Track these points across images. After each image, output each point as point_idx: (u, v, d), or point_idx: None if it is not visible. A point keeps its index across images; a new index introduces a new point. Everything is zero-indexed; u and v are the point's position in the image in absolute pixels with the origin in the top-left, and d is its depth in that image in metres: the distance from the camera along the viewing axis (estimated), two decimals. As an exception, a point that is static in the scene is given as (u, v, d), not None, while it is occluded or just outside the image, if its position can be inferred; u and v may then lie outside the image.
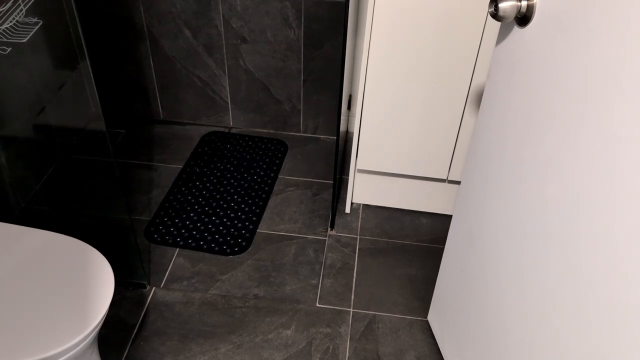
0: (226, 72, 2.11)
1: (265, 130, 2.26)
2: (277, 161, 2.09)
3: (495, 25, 1.43)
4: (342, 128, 2.21)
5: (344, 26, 1.37)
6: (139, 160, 2.08)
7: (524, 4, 0.91)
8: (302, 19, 1.95)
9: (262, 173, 2.03)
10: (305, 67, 2.07)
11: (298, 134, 2.24)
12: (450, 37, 1.46)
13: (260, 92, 2.15)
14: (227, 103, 2.20)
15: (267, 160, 2.09)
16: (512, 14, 0.92)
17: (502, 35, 1.01)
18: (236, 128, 2.26)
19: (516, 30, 0.96)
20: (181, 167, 2.05)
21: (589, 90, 0.77)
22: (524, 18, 0.93)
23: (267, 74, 2.10)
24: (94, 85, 1.20)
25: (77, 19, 1.06)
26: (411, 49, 1.50)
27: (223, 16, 1.97)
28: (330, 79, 2.08)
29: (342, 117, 2.19)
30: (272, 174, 2.03)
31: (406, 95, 1.58)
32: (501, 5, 0.91)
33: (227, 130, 2.25)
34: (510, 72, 1.00)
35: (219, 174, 2.02)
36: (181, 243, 1.75)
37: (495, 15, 0.92)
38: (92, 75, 1.16)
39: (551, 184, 0.88)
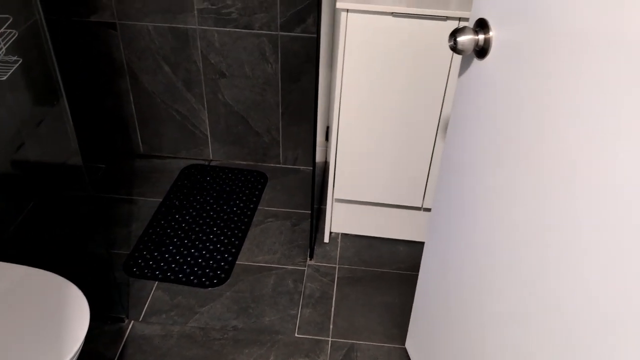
0: (205, 106, 2.15)
1: (245, 162, 2.28)
2: (257, 192, 2.12)
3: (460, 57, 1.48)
4: (321, 158, 2.25)
5: (316, 61, 1.41)
6: (119, 194, 2.09)
7: (481, 37, 0.96)
8: (279, 54, 2.00)
9: (241, 204, 2.05)
10: (283, 100, 2.11)
11: (278, 165, 2.27)
12: (420, 69, 1.51)
13: (240, 124, 2.19)
14: (207, 136, 2.23)
15: (247, 191, 2.11)
16: (471, 47, 0.97)
17: (464, 68, 1.06)
18: (216, 161, 2.29)
19: (476, 62, 1.01)
20: (161, 200, 2.06)
21: (544, 117, 0.80)
22: (482, 51, 0.97)
23: (246, 107, 2.14)
24: (71, 122, 1.22)
25: (53, 58, 1.09)
26: (382, 81, 1.54)
27: (201, 52, 2.02)
28: (308, 111, 2.12)
29: (320, 148, 2.23)
30: (251, 205, 2.05)
31: (379, 126, 1.62)
32: (459, 39, 0.95)
33: (207, 163, 2.27)
34: (472, 102, 1.04)
35: (198, 206, 2.03)
36: (160, 276, 1.75)
37: (454, 48, 0.97)
38: (68, 112, 1.18)
39: (514, 209, 0.91)
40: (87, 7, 1.95)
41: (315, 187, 1.84)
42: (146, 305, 1.66)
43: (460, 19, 1.42)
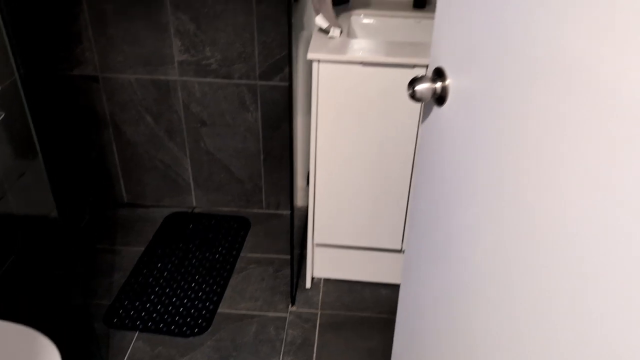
0: (187, 154, 2.18)
1: (227, 209, 2.30)
2: (240, 239, 2.12)
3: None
4: (303, 203, 2.27)
5: (289, 111, 1.45)
6: (102, 244, 2.09)
7: (438, 85, 0.99)
8: (259, 102, 2.05)
9: (224, 252, 2.05)
10: (264, 147, 2.14)
11: (260, 210, 2.29)
12: (392, 114, 1.55)
13: (222, 172, 2.21)
14: (190, 184, 2.25)
15: (230, 238, 2.12)
16: (429, 95, 1.00)
17: (425, 114, 1.09)
18: (199, 208, 2.30)
19: (435, 109, 1.04)
20: (143, 249, 2.06)
21: (500, 161, 0.83)
22: (440, 98, 1.00)
23: (228, 155, 2.17)
24: (46, 176, 1.24)
25: (28, 116, 1.12)
26: (356, 128, 1.58)
27: (183, 102, 2.06)
28: (288, 157, 2.15)
29: (302, 193, 2.25)
30: (234, 252, 2.05)
31: (355, 171, 1.65)
32: (417, 88, 0.99)
33: (190, 211, 2.28)
34: (434, 147, 1.06)
35: (181, 254, 2.03)
36: (141, 326, 1.74)
37: (413, 96, 1.00)
38: (43, 167, 1.20)
39: (478, 250, 0.93)
40: (70, 62, 2.00)
41: (294, 233, 1.85)
42: (126, 357, 1.64)
43: (427, 67, 1.46)
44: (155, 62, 1.98)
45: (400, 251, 1.83)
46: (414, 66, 1.47)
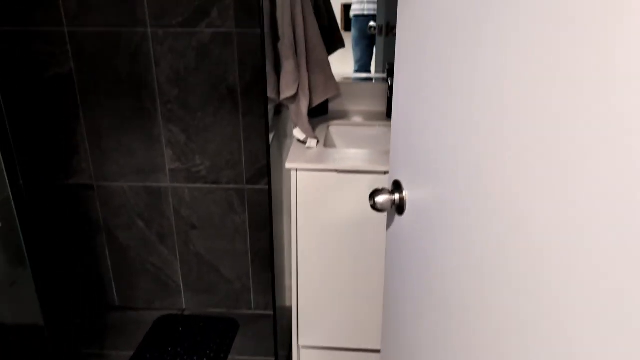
0: (178, 257, 2.24)
1: (217, 310, 2.33)
2: (228, 341, 2.14)
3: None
4: (290, 302, 2.30)
5: (270, 215, 1.53)
6: (92, 349, 2.11)
7: (397, 197, 1.08)
8: (246, 205, 2.14)
9: (212, 355, 2.06)
10: (252, 248, 2.21)
11: (249, 311, 2.32)
12: (367, 218, 1.63)
13: (211, 273, 2.27)
14: (180, 286, 2.30)
15: (218, 340, 2.14)
16: (389, 206, 1.09)
17: (389, 222, 1.17)
18: (189, 310, 2.33)
19: (397, 217, 1.12)
20: (132, 354, 2.08)
21: (450, 272, 0.90)
22: (399, 208, 1.09)
23: (217, 256, 2.23)
24: (34, 285, 1.30)
25: (19, 230, 1.20)
26: (334, 231, 1.66)
27: (173, 207, 2.15)
28: (277, 257, 2.22)
29: (289, 292, 2.29)
30: (222, 355, 2.06)
31: (336, 273, 1.71)
32: (377, 199, 1.08)
33: (179, 313, 2.31)
34: (398, 253, 1.14)
35: (169, 359, 2.04)
36: None
37: (374, 207, 1.09)
38: (31, 277, 1.27)
39: (448, 348, 0.98)
40: (66, 172, 2.12)
41: (283, 334, 1.88)
42: None
43: (398, 173, 1.57)
44: (147, 170, 2.10)
45: (384, 350, 1.85)
46: (385, 173, 1.57)
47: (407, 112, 1.04)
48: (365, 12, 2.29)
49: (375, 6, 2.28)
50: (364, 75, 2.24)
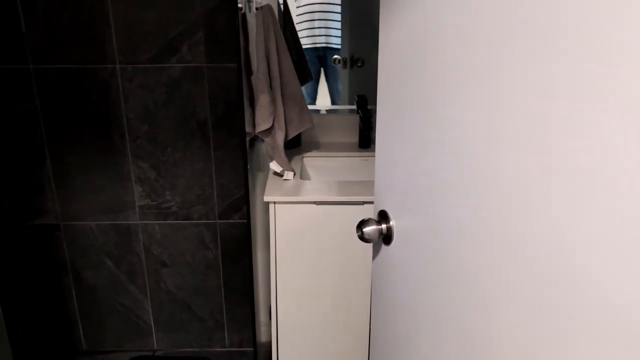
0: (148, 296, 2.18)
1: (190, 349, 2.27)
2: (203, 380, 2.08)
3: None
4: (267, 338, 2.27)
5: (249, 247, 1.52)
6: (58, 397, 2.01)
7: (384, 227, 1.09)
8: (218, 240, 2.11)
9: (187, 395, 2.00)
10: (225, 283, 2.17)
11: (223, 349, 2.27)
12: (347, 247, 1.64)
13: (183, 311, 2.21)
14: (151, 326, 2.23)
15: (193, 380, 2.08)
16: (376, 236, 1.10)
17: (375, 252, 1.18)
18: (161, 350, 2.26)
19: (384, 247, 1.13)
20: (103, 399, 1.99)
21: (443, 296, 0.91)
22: (387, 238, 1.10)
23: (189, 294, 2.19)
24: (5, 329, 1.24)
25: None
26: (314, 262, 1.65)
27: (143, 244, 2.10)
28: (251, 292, 2.19)
29: (264, 328, 2.25)
30: (197, 395, 2.00)
31: (316, 305, 1.70)
32: (365, 230, 1.08)
33: (151, 354, 2.24)
34: (386, 283, 1.14)
35: (142, 402, 1.97)
36: None
37: (362, 238, 1.10)
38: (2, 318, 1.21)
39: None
40: (31, 212, 2.05)
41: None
42: None
43: (375, 203, 1.58)
44: (116, 208, 2.05)
45: (365, 382, 1.83)
46: (363, 203, 1.58)
47: (391, 143, 1.06)
48: (317, 45, 2.32)
49: (325, 38, 2.32)
50: (334, 107, 2.27)
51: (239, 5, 1.48)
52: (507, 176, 0.66)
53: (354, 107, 2.19)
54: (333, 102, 2.39)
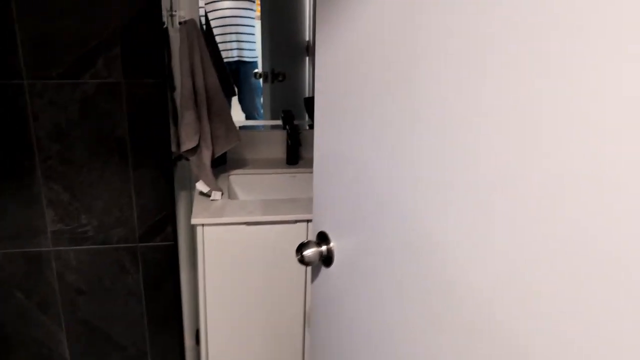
0: (63, 327, 2.03)
1: (111, 382, 2.13)
2: (126, 414, 1.96)
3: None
4: (193, 364, 2.17)
5: (175, 272, 1.44)
6: None
7: (324, 248, 1.07)
8: (140, 264, 2.00)
9: None
10: (147, 309, 2.06)
11: (147, 378, 2.15)
12: (280, 268, 1.60)
13: (102, 341, 2.07)
14: (66, 359, 2.07)
15: (115, 415, 1.95)
16: (317, 259, 1.07)
17: (314, 275, 1.15)
18: (78, 385, 2.11)
19: (324, 270, 1.10)
20: None
21: (384, 315, 0.89)
22: (327, 260, 1.07)
23: (108, 322, 2.05)
24: None
25: None
26: (245, 285, 1.60)
27: (57, 272, 1.95)
28: (175, 317, 2.09)
29: (190, 352, 2.16)
30: None
31: (247, 326, 1.64)
32: (305, 253, 1.06)
33: (67, 390, 2.08)
34: (325, 304, 1.12)
35: None
36: None
37: (302, 261, 1.06)
38: None
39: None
40: None
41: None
42: None
43: (308, 221, 1.56)
44: (25, 234, 1.89)
45: (300, 404, 1.79)
46: (295, 222, 1.55)
47: (329, 163, 1.04)
48: (230, 59, 2.27)
49: (238, 52, 2.27)
50: (258, 122, 2.23)
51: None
52: (443, 197, 0.66)
53: (278, 122, 2.16)
54: (250, 118, 2.34)
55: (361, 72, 0.87)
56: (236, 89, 2.25)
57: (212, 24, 2.15)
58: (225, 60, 2.16)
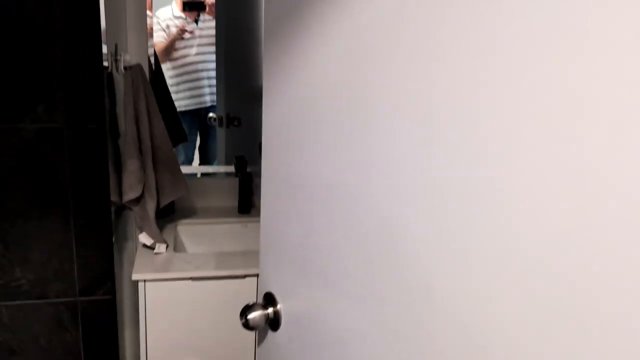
0: (-9, 391, 1.86)
1: None
2: None
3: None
4: None
5: (114, 329, 1.34)
6: None
7: (270, 311, 0.99)
8: (79, 319, 1.86)
9: None
10: (87, 369, 1.92)
11: None
12: (228, 323, 1.50)
13: (36, 406, 1.91)
14: None
15: None
16: (262, 322, 0.99)
17: (261, 339, 1.07)
18: None
19: (271, 333, 1.02)
20: None
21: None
22: (274, 323, 1.00)
23: (43, 385, 1.89)
24: None
25: None
26: (191, 341, 1.50)
27: (-14, 331, 1.80)
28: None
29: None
30: None
31: (193, 391, 1.53)
32: (250, 316, 0.98)
33: None
34: (273, 372, 1.03)
35: None
36: None
37: (247, 325, 0.98)
38: None
39: None
40: None
41: None
42: None
43: (257, 275, 1.48)
44: (-49, 289, 1.74)
45: None
46: (244, 276, 1.47)
47: (276, 221, 0.98)
48: (197, 107, 2.23)
49: (209, 97, 2.24)
50: (210, 169, 2.16)
51: (105, 63, 1.35)
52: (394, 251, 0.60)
53: (232, 168, 2.09)
54: (206, 163, 2.28)
55: (308, 121, 0.82)
56: (198, 134, 2.20)
57: (179, 70, 2.10)
58: (196, 107, 2.12)
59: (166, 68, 2.11)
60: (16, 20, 1.60)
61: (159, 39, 2.03)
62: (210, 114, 2.27)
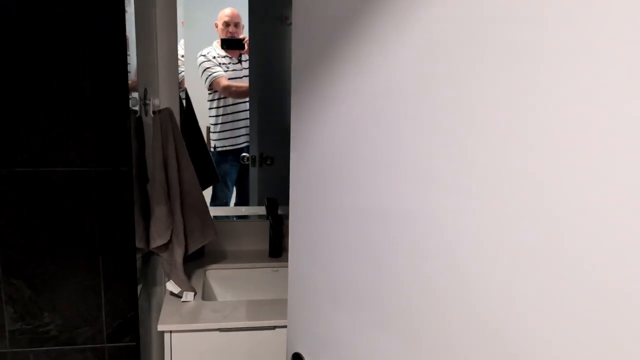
0: None
1: None
2: None
3: None
4: None
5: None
6: None
7: None
8: (107, 367, 1.82)
9: None
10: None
11: None
12: (256, 380, 1.43)
13: None
14: None
15: None
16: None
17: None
18: None
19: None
20: None
21: None
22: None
23: None
24: None
25: None
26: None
27: (13, 377, 1.76)
28: None
29: None
30: None
31: None
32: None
33: None
34: None
35: None
36: None
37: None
38: None
39: None
40: None
41: None
42: None
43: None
44: (-20, 334, 1.72)
45: None
46: (274, 327, 1.40)
47: (305, 279, 0.91)
48: (234, 147, 2.21)
49: (236, 140, 2.21)
50: (239, 211, 2.11)
51: (134, 108, 1.33)
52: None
53: (264, 210, 2.04)
54: (246, 203, 2.24)
55: (336, 166, 0.76)
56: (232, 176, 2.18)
57: (219, 111, 2.09)
58: (233, 147, 2.11)
59: (208, 107, 2.11)
60: (54, 64, 1.61)
61: (219, 72, 2.03)
62: (244, 153, 2.24)
